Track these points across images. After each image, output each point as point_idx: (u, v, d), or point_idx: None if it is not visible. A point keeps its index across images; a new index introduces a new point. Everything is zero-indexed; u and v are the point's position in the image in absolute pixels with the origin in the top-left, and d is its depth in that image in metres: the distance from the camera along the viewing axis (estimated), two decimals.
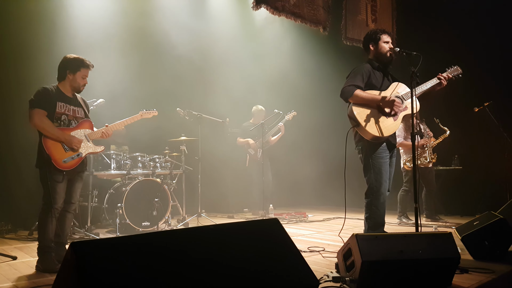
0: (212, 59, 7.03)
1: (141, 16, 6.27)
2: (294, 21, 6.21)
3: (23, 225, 4.94)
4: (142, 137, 5.69)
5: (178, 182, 5.52)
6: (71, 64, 3.33)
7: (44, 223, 3.18)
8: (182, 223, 5.21)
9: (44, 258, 3.14)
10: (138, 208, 4.63)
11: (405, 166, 5.60)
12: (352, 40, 6.84)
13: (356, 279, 2.34)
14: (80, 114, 3.43)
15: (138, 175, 4.97)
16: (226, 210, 6.78)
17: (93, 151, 3.45)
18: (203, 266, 1.80)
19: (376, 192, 3.44)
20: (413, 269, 2.40)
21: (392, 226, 5.22)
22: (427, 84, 3.53)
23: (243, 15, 7.28)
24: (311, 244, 3.94)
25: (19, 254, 3.67)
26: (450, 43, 6.38)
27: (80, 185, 3.48)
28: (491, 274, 2.78)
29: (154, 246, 1.77)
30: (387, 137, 3.43)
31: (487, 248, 3.25)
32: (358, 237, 2.36)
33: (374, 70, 3.54)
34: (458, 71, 3.64)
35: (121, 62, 5.84)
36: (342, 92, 3.42)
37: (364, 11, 6.95)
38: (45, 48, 5.03)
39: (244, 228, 2.19)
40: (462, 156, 6.56)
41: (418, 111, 5.44)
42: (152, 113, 4.05)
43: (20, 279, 2.87)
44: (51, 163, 3.15)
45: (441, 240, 2.50)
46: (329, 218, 6.15)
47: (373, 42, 3.60)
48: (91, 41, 5.52)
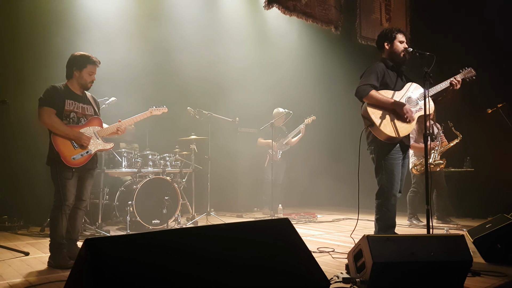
0: (223, 59, 7.04)
1: (152, 15, 6.31)
2: (305, 20, 6.19)
3: (35, 222, 5.01)
4: (153, 135, 5.73)
5: (188, 180, 5.55)
6: (77, 61, 3.35)
7: (56, 220, 3.22)
8: (191, 222, 5.23)
9: (56, 254, 3.17)
10: (148, 206, 4.65)
11: (413, 169, 5.53)
12: (366, 39, 6.81)
13: (367, 281, 2.32)
14: (89, 111, 3.45)
15: (149, 173, 5.00)
16: (235, 209, 6.79)
17: (102, 148, 3.47)
18: (213, 265, 1.80)
19: (387, 193, 3.40)
20: (424, 271, 2.37)
21: (402, 228, 5.18)
22: (441, 85, 3.49)
23: (255, 15, 7.28)
24: (320, 244, 3.93)
25: (31, 250, 3.72)
26: (463, 44, 6.32)
27: (91, 182, 3.50)
28: (503, 278, 2.74)
29: (166, 244, 1.78)
30: (401, 138, 3.39)
31: (499, 251, 3.20)
32: (369, 239, 2.35)
33: (388, 70, 3.51)
34: (471, 73, 3.59)
35: (132, 60, 5.89)
36: (357, 91, 3.39)
37: (378, 10, 6.92)
38: (56, 46, 5.06)
39: (255, 228, 2.19)
40: (474, 158, 6.48)
41: (433, 112, 5.47)
42: (162, 109, 3.99)
43: (32, 275, 2.90)
44: (60, 160, 3.18)
45: (453, 243, 2.47)
46: (338, 219, 6.12)
47: (388, 41, 3.56)
48: (102, 39, 5.56)
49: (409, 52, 3.45)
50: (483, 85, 5.00)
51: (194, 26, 6.61)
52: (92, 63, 3.38)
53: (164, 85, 6.23)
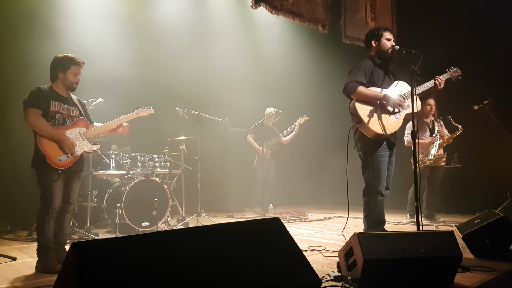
0: (211, 58, 7.01)
1: (140, 14, 6.26)
2: (293, 20, 6.19)
3: (22, 226, 4.92)
4: (142, 136, 5.68)
5: (178, 181, 5.51)
6: (61, 62, 3.33)
7: (43, 223, 3.17)
8: (181, 223, 5.19)
9: (44, 258, 3.12)
10: (137, 208, 4.61)
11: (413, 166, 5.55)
12: (351, 38, 6.83)
13: (358, 278, 2.32)
14: (75, 113, 3.42)
15: (138, 174, 4.95)
16: (225, 209, 6.77)
17: (88, 149, 3.43)
18: (204, 266, 1.78)
19: (374, 190, 3.44)
20: (415, 267, 2.39)
21: (392, 224, 5.21)
22: (427, 84, 3.54)
23: (242, 14, 7.27)
24: (311, 243, 3.93)
25: (18, 254, 3.65)
26: (450, 41, 6.37)
27: (78, 184, 3.46)
28: (493, 273, 2.77)
29: (156, 246, 1.76)
30: (388, 135, 3.42)
31: (488, 246, 3.24)
32: (359, 236, 2.35)
33: (376, 67, 3.54)
34: (457, 72, 3.65)
35: (119, 60, 5.83)
36: (345, 87, 3.42)
37: (363, 9, 6.95)
38: (40, 49, 4.98)
39: (246, 228, 2.18)
40: (462, 154, 6.55)
41: (435, 109, 5.51)
42: (149, 111, 3.97)
43: (19, 280, 2.85)
44: (46, 162, 3.14)
45: (442, 239, 2.49)
46: (329, 217, 6.14)
47: (375, 39, 3.60)
48: (89, 40, 5.50)
49: (396, 50, 3.48)
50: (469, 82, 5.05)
51: (182, 26, 6.57)
52: (76, 64, 3.35)
53: (152, 85, 6.18)
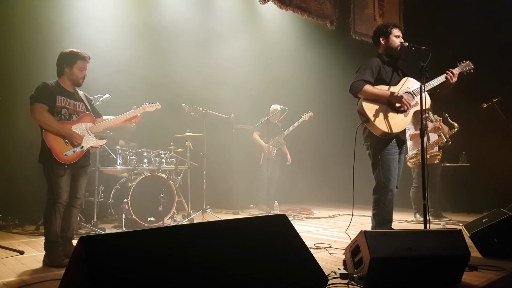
0: (218, 55, 7.01)
1: (146, 11, 6.26)
2: (301, 15, 6.18)
3: (30, 220, 4.97)
4: (148, 132, 5.69)
5: (183, 177, 5.52)
6: (67, 58, 3.33)
7: (50, 218, 3.19)
8: (187, 219, 5.20)
9: (51, 252, 3.14)
10: (144, 204, 4.63)
11: (408, 162, 5.51)
12: (360, 34, 6.82)
13: (364, 276, 2.31)
14: (81, 108, 3.43)
15: (144, 170, 4.97)
16: (231, 206, 6.77)
17: (95, 144, 3.44)
18: (210, 261, 1.78)
19: (384, 189, 3.39)
20: (422, 266, 2.37)
21: (398, 223, 5.19)
22: (438, 79, 3.47)
23: (249, 11, 7.25)
24: (317, 240, 3.93)
25: (26, 248, 3.68)
26: (458, 38, 6.32)
27: (85, 179, 3.47)
28: (501, 272, 2.75)
29: (162, 241, 1.76)
30: (396, 133, 3.38)
31: (496, 245, 3.21)
32: (366, 234, 2.34)
33: (384, 65, 3.49)
34: (469, 66, 3.57)
35: (126, 57, 5.85)
36: (351, 87, 3.38)
37: (372, 6, 6.92)
38: (47, 44, 5.01)
39: (252, 224, 2.17)
40: (470, 152, 6.50)
41: (430, 107, 5.46)
42: (155, 106, 3.95)
43: (27, 274, 2.87)
44: (52, 156, 3.15)
45: (450, 237, 2.47)
46: (334, 215, 6.12)
47: (383, 36, 3.54)
48: (96, 35, 5.52)
49: (405, 47, 3.43)
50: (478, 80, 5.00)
51: (189, 23, 6.57)
52: (82, 59, 3.36)
53: (159, 81, 6.19)
